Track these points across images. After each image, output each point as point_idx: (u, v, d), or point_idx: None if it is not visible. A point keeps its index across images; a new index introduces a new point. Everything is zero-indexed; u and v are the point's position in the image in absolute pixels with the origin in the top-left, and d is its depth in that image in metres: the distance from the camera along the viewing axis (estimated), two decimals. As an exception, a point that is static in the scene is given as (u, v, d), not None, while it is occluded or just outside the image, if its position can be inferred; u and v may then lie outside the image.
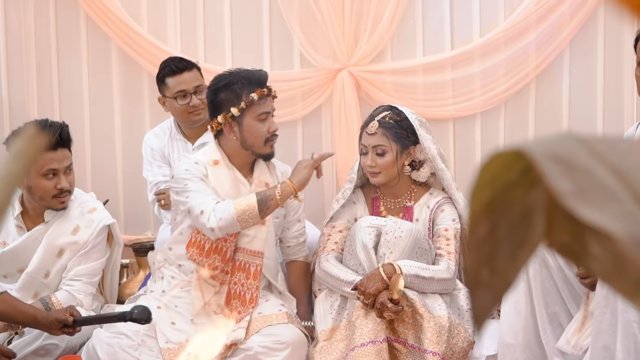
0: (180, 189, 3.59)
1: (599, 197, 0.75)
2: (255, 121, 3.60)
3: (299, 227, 3.93)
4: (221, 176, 3.66)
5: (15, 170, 0.71)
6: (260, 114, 3.60)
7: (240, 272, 3.66)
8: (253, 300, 3.64)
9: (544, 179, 0.74)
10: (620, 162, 0.76)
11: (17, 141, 0.71)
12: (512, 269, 0.88)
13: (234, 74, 3.64)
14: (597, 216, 0.73)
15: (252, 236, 3.66)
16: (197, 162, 3.64)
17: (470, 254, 0.85)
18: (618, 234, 0.72)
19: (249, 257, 3.67)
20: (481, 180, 0.80)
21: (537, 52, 4.78)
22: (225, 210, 3.46)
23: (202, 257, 3.62)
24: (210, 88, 3.69)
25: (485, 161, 0.77)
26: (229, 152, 3.70)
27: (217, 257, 3.62)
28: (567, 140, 0.78)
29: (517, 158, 0.78)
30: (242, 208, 3.46)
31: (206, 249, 3.62)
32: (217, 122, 3.64)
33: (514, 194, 0.83)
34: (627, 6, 0.49)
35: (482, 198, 0.82)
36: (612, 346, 2.84)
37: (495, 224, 0.85)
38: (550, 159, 0.76)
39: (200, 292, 3.62)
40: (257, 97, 3.58)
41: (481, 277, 0.88)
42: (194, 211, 3.52)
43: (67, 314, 3.34)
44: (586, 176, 0.76)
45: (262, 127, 3.61)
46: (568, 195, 0.74)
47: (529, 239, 0.86)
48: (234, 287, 3.65)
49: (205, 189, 3.56)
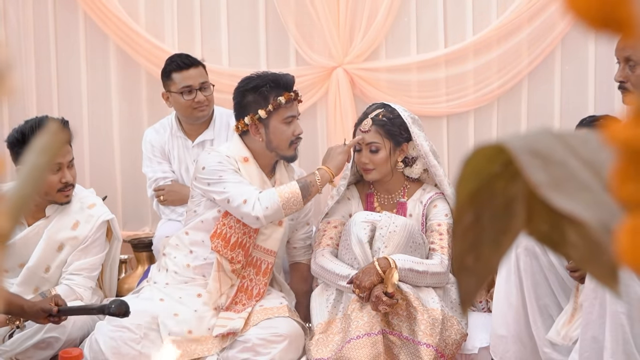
0: (214, 181, 3.63)
1: (573, 188, 0.79)
2: (281, 124, 3.66)
3: (307, 229, 4.00)
4: (252, 173, 3.71)
5: (40, 164, 0.77)
6: (287, 117, 3.67)
7: (251, 267, 3.72)
8: (259, 294, 3.71)
9: (523, 171, 0.80)
10: (592, 156, 0.81)
11: (41, 136, 0.77)
12: (495, 255, 0.94)
13: (262, 77, 3.69)
14: (570, 205, 0.78)
15: (268, 235, 3.72)
16: (229, 156, 3.68)
17: (456, 242, 0.92)
18: (589, 220, 0.76)
19: (263, 254, 3.73)
20: (465, 172, 0.85)
21: (529, 50, 4.83)
22: (270, 199, 3.53)
23: (227, 249, 3.67)
24: (238, 89, 3.73)
25: (469, 155, 0.83)
26: (253, 152, 3.75)
27: (241, 252, 3.68)
28: (543, 136, 0.84)
29: (499, 152, 0.84)
30: (286, 196, 3.54)
31: (232, 242, 3.67)
32: (243, 122, 3.69)
33: (496, 186, 0.88)
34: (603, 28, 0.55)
35: (467, 189, 0.88)
36: (600, 337, 2.90)
37: (479, 214, 0.90)
38: (528, 153, 0.81)
39: (219, 283, 3.68)
40: (285, 100, 3.64)
41: (467, 262, 0.94)
42: (235, 200, 3.56)
43: (52, 304, 3.38)
44: (561, 169, 0.81)
45: (287, 130, 3.68)
46: (544, 186, 0.79)
47: (511, 227, 0.92)
48: (243, 281, 3.71)
49: (242, 180, 3.62)
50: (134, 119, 5.10)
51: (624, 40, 0.54)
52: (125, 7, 4.98)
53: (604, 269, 0.88)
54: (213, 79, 4.39)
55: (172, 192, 4.36)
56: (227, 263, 3.67)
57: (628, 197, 0.57)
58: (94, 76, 5.11)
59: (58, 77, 5.11)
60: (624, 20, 0.49)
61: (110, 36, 5.02)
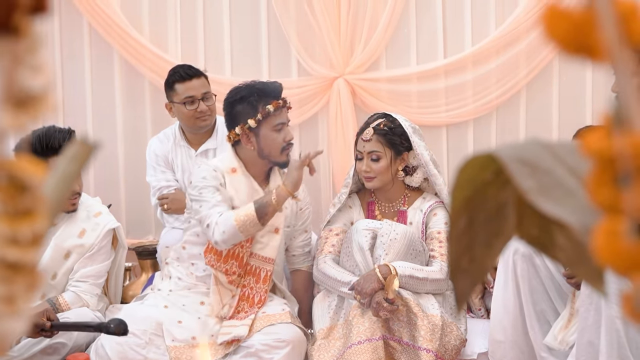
0: (195, 197, 3.69)
1: (559, 194, 0.85)
2: (271, 131, 3.71)
3: (305, 237, 4.03)
4: (238, 184, 3.76)
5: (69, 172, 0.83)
6: (276, 125, 3.72)
7: (251, 276, 3.76)
8: (261, 301, 3.75)
9: (513, 178, 0.86)
10: (577, 164, 0.87)
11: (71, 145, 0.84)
12: (488, 257, 1.01)
13: (250, 87, 3.76)
14: (557, 210, 0.83)
15: (265, 243, 3.76)
16: (216, 170, 3.74)
17: (452, 244, 0.98)
18: (574, 224, 0.82)
19: (261, 262, 3.77)
20: (460, 180, 0.92)
21: (528, 61, 4.88)
22: (226, 223, 3.56)
23: (220, 262, 3.71)
24: (227, 100, 3.80)
25: (462, 164, 0.89)
26: (246, 160, 3.80)
27: (234, 263, 3.73)
28: (532, 146, 0.90)
29: (491, 161, 0.90)
30: (242, 219, 3.56)
31: (224, 255, 3.71)
32: (234, 133, 3.75)
33: (488, 192, 0.95)
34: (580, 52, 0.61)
35: (462, 195, 0.94)
36: (596, 341, 2.95)
37: (473, 218, 0.97)
38: (517, 161, 0.87)
39: (219, 296, 3.73)
40: (273, 108, 3.69)
41: (461, 264, 1.00)
42: (204, 222, 3.64)
43: (44, 319, 3.43)
44: (548, 176, 0.86)
45: (278, 137, 3.72)
46: (532, 192, 0.85)
47: (503, 231, 0.99)
48: (244, 290, 3.75)
49: (216, 201, 3.65)
50: (137, 129, 5.13)
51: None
52: (129, 18, 5.03)
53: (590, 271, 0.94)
54: (215, 89, 4.44)
55: (175, 201, 4.40)
56: (222, 276, 3.72)
57: (603, 201, 0.64)
58: (99, 86, 5.14)
59: (63, 87, 5.16)
60: (594, 46, 0.56)
61: (114, 47, 5.06)
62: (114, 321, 3.37)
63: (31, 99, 0.64)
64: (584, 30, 0.56)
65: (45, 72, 0.63)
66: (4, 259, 0.68)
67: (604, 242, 0.65)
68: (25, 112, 0.65)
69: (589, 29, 0.56)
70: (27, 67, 0.63)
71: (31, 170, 0.67)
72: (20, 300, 0.69)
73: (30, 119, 0.64)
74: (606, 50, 0.55)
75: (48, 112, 0.64)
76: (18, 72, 0.63)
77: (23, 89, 0.63)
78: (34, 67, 0.63)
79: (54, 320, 3.47)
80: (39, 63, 0.63)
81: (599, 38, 0.56)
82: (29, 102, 0.64)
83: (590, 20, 0.57)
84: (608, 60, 0.56)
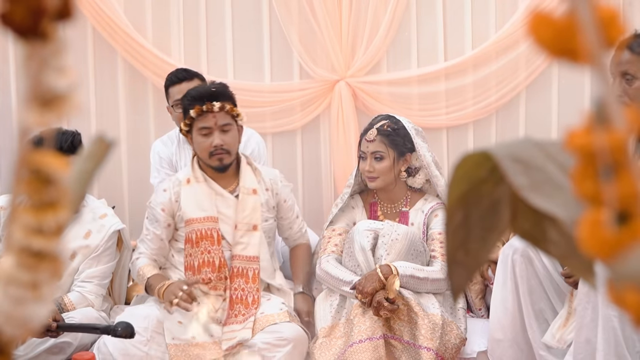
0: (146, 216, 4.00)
1: (549, 189, 0.89)
2: (198, 136, 3.80)
3: (299, 222, 4.10)
4: (194, 194, 3.86)
5: (87, 169, 0.88)
6: (201, 129, 3.78)
7: (239, 277, 3.81)
8: (255, 301, 3.78)
9: (506, 175, 0.91)
10: (567, 161, 0.91)
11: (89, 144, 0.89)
12: (482, 250, 1.05)
13: (190, 90, 3.89)
14: (548, 204, 0.87)
15: (246, 243, 3.82)
16: (166, 190, 3.91)
17: (448, 238, 1.02)
18: (563, 217, 0.86)
19: (246, 263, 3.82)
20: (456, 177, 0.96)
21: (527, 64, 4.92)
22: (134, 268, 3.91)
23: (195, 274, 3.80)
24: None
25: (458, 161, 0.93)
26: (204, 166, 3.90)
27: (207, 270, 3.80)
28: (525, 144, 0.95)
29: (486, 159, 0.94)
30: (140, 274, 3.85)
31: (196, 266, 3.82)
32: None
33: (483, 189, 0.99)
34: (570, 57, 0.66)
35: (458, 192, 0.99)
36: (593, 339, 2.99)
37: (468, 213, 1.01)
38: (510, 159, 0.92)
39: (210, 303, 3.78)
40: (195, 113, 3.76)
41: (457, 257, 1.05)
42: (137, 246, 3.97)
43: (50, 320, 3.46)
44: (540, 173, 0.90)
45: (204, 141, 3.78)
46: (525, 188, 0.89)
47: (497, 226, 1.03)
48: (235, 293, 3.79)
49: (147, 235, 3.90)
50: (141, 131, 5.15)
51: (617, 56, 0.64)
52: (133, 21, 5.05)
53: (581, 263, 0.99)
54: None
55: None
56: (203, 286, 3.78)
57: (586, 193, 0.68)
58: (102, 89, 5.16)
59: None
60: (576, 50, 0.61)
61: (117, 50, 5.07)
62: (121, 324, 3.39)
63: (56, 98, 0.69)
64: (567, 35, 0.61)
65: (70, 73, 0.68)
66: (30, 247, 0.73)
67: (588, 232, 0.70)
68: (50, 111, 0.70)
69: (572, 33, 0.61)
70: (53, 69, 0.68)
71: (55, 164, 0.72)
72: (44, 287, 0.74)
73: (55, 117, 0.69)
74: (587, 54, 0.60)
75: (72, 112, 0.69)
76: (44, 73, 0.68)
77: (49, 89, 0.68)
78: (59, 69, 0.68)
79: (60, 321, 3.50)
80: (64, 65, 0.68)
81: (581, 42, 0.60)
82: (54, 102, 0.69)
83: (573, 25, 0.61)
84: (589, 62, 0.61)
